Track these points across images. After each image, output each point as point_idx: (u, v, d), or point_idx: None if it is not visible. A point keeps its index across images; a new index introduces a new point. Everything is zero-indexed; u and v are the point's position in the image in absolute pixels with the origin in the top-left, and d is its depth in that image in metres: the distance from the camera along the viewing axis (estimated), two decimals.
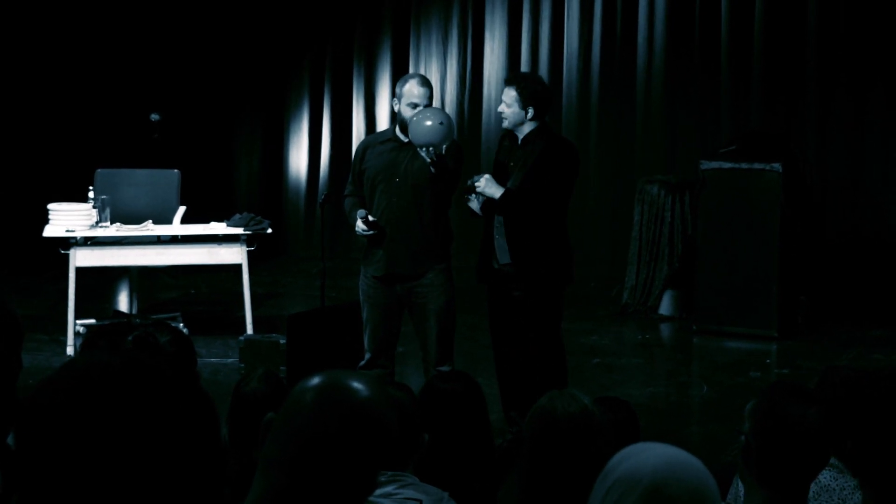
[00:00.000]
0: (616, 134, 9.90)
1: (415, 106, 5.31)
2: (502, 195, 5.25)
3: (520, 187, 5.30)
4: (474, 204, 5.39)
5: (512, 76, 5.51)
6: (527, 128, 5.35)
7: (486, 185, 5.27)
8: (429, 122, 5.14)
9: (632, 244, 8.66)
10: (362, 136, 10.27)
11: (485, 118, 10.20)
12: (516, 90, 5.31)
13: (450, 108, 10.33)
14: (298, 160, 11.02)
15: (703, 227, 8.07)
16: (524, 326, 5.42)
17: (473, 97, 10.34)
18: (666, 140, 9.66)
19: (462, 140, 9.03)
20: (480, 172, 5.49)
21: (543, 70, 9.99)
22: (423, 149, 5.17)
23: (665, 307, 8.55)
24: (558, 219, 5.37)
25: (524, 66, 10.00)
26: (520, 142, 5.38)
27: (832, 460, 2.74)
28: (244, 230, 7.43)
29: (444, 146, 5.21)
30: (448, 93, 10.37)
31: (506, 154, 5.48)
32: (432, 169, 5.22)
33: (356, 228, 5.42)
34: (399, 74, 10.00)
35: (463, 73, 10.34)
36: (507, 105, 5.34)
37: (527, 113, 5.30)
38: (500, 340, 5.56)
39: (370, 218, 5.37)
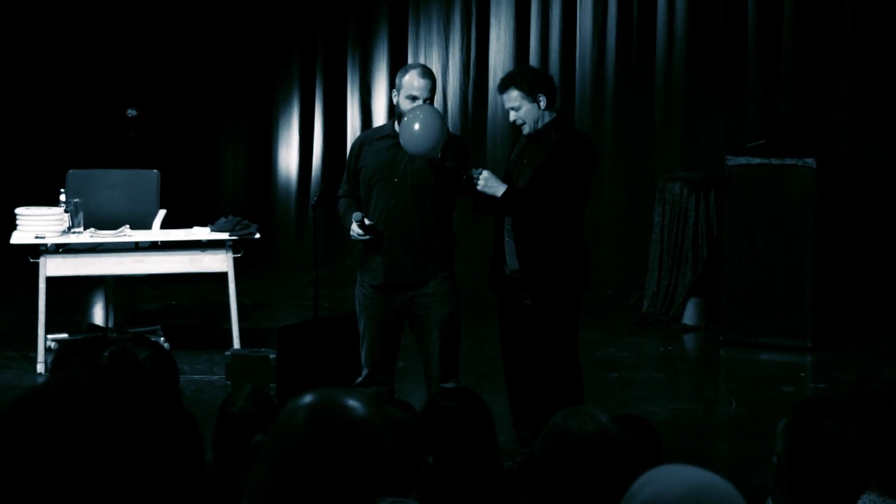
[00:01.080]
0: (634, 128, 9.89)
1: (414, 99, 5.29)
2: (504, 194, 5.23)
3: (527, 186, 5.29)
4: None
5: (503, 80, 5.42)
6: (544, 120, 5.33)
7: (487, 182, 5.25)
8: (416, 127, 5.11)
9: (652, 248, 8.66)
10: (358, 132, 10.25)
11: (490, 111, 10.19)
12: (515, 87, 5.28)
13: (452, 100, 10.34)
14: (288, 159, 11.02)
15: (729, 228, 8.07)
16: (536, 338, 5.40)
17: (478, 89, 10.34)
18: (688, 134, 9.66)
19: (465, 137, 9.03)
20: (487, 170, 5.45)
21: (554, 59, 9.98)
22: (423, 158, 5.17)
23: (689, 316, 8.56)
24: (573, 220, 5.34)
25: (533, 55, 10.01)
26: (533, 138, 5.37)
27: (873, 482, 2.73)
28: (230, 235, 7.43)
29: (438, 152, 5.18)
30: (450, 84, 10.37)
31: (520, 151, 5.48)
32: (432, 177, 5.23)
33: (351, 233, 5.41)
34: (397, 64, 9.98)
35: (466, 62, 10.34)
36: (515, 109, 5.29)
37: (539, 103, 5.28)
38: (511, 353, 5.55)
39: (366, 221, 5.36)
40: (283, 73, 11.00)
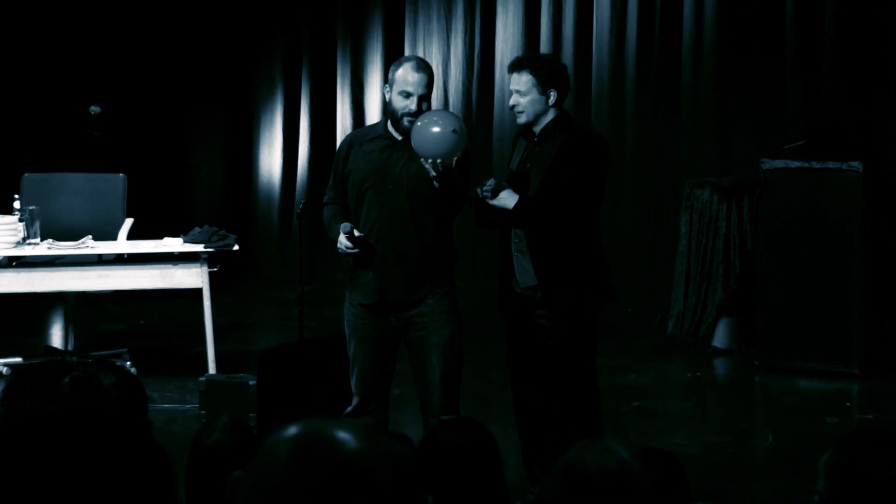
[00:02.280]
0: (657, 128, 9.92)
1: (407, 95, 5.30)
2: (517, 204, 5.25)
3: (538, 193, 5.30)
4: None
5: (519, 59, 5.48)
6: (545, 119, 5.35)
7: (499, 194, 5.28)
8: (436, 129, 5.12)
9: (678, 261, 8.68)
10: (349, 132, 10.24)
11: (497, 109, 10.23)
12: (531, 73, 5.30)
13: (454, 97, 10.35)
14: (271, 162, 11.06)
15: (765, 239, 8.09)
16: (551, 362, 5.40)
17: (483, 84, 10.37)
18: (719, 134, 9.69)
19: (469, 137, 9.01)
20: (491, 176, 5.47)
21: (568, 50, 10.01)
22: (429, 161, 5.18)
23: (720, 338, 8.58)
24: (589, 227, 5.36)
25: (545, 46, 10.04)
26: (536, 138, 5.38)
27: None
28: (205, 247, 7.46)
29: (455, 158, 5.21)
30: (452, 79, 10.40)
31: (522, 156, 5.49)
32: (436, 184, 5.21)
33: (338, 245, 5.40)
34: (393, 57, 10.00)
35: (470, 54, 10.37)
36: (520, 94, 5.32)
37: (548, 98, 5.30)
38: (521, 380, 5.54)
39: (356, 233, 5.36)
40: (264, 65, 11.03)
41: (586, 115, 9.83)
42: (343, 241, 5.35)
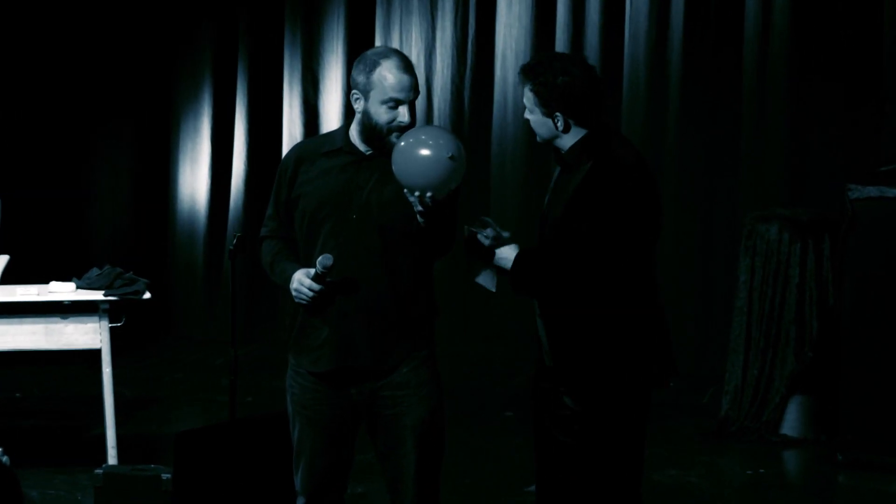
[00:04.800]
0: (708, 144, 9.96)
1: (397, 104, 5.29)
2: (515, 259, 5.22)
3: (543, 244, 5.25)
4: (486, 278, 5.35)
5: (522, 67, 5.44)
6: (568, 141, 5.33)
7: (496, 247, 5.25)
8: (427, 153, 5.10)
9: (735, 320, 8.66)
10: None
11: (496, 115, 10.24)
12: (530, 89, 5.28)
13: (440, 98, 10.36)
14: (194, 182, 11.06)
15: (852, 292, 8.07)
16: (573, 465, 5.35)
17: (479, 82, 10.38)
18: (789, 153, 9.72)
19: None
20: (489, 211, 5.44)
21: (592, 38, 10.01)
22: (415, 193, 5.13)
23: (791, 424, 8.56)
24: (623, 282, 5.25)
25: (561, 31, 10.04)
26: (559, 167, 5.36)
27: None
28: (105, 294, 7.43)
29: (447, 190, 5.16)
30: (438, 74, 10.42)
31: (552, 187, 5.43)
32: (421, 220, 5.19)
33: (296, 287, 5.34)
34: (358, 44, 9.99)
35: (462, 41, 10.38)
36: (529, 111, 5.33)
37: (555, 122, 5.29)
38: (549, 480, 5.48)
39: (328, 278, 5.28)
40: (187, 60, 11.07)
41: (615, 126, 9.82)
42: (307, 282, 5.30)
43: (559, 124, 5.28)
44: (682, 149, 9.99)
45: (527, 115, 5.34)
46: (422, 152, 5.10)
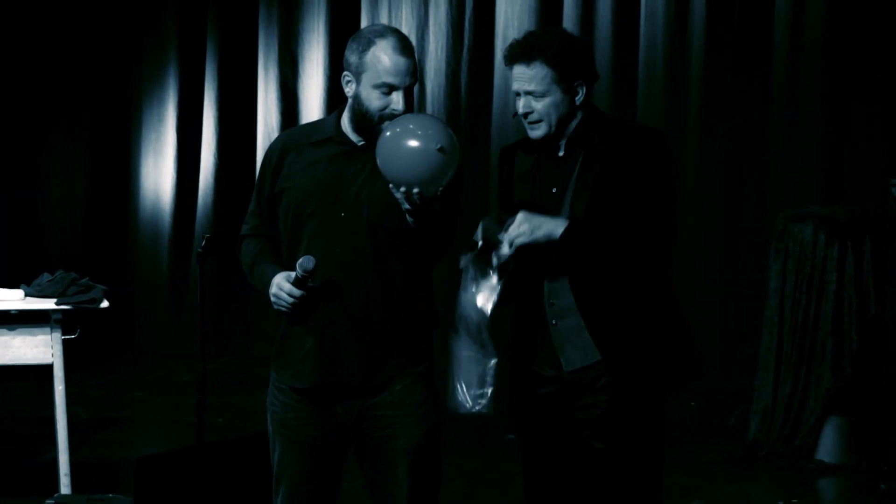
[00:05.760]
0: (735, 135, 9.99)
1: (390, 90, 5.28)
2: (566, 230, 5.17)
3: (590, 213, 5.24)
4: (487, 285, 5.30)
5: (523, 44, 5.40)
6: (571, 124, 5.36)
7: (526, 228, 5.18)
8: (414, 144, 5.09)
9: (765, 331, 8.68)
10: (275, 134, 10.27)
11: (497, 102, 10.25)
12: (545, 62, 5.27)
13: (434, 84, 10.41)
14: (158, 178, 11.09)
15: None
16: (606, 476, 5.36)
17: (477, 65, 10.40)
18: (824, 146, 9.76)
19: (458, 141, 9.01)
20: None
21: (604, 18, 10.05)
22: (401, 188, 5.11)
23: (827, 448, 8.56)
24: (665, 269, 5.32)
25: (569, 10, 10.07)
26: (562, 150, 5.36)
27: None
28: (58, 303, 7.42)
29: (440, 185, 5.16)
30: (431, 56, 10.45)
31: (533, 179, 5.43)
32: (410, 219, 5.20)
33: (275, 294, 5.33)
34: (342, 22, 10.00)
35: (459, 20, 10.40)
36: (534, 96, 5.29)
37: (575, 95, 5.29)
38: (572, 491, 5.48)
39: (310, 283, 5.28)
40: (150, 39, 11.12)
41: (630, 117, 9.89)
42: (286, 287, 5.28)
43: (580, 97, 5.29)
44: (705, 142, 10.07)
45: (529, 103, 5.31)
46: (408, 143, 5.09)
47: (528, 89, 5.30)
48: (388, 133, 5.12)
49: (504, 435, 8.82)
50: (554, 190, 5.35)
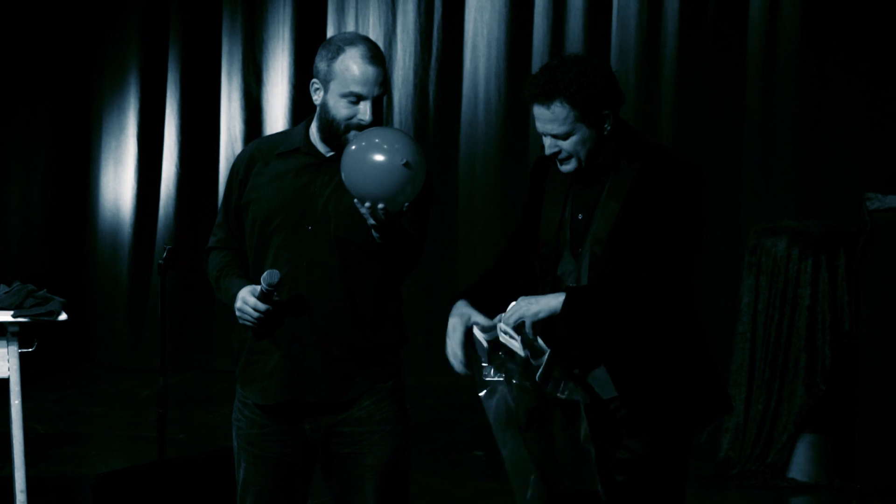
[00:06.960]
0: (706, 149, 10.02)
1: (357, 99, 5.27)
2: (566, 300, 5.08)
3: (603, 273, 5.16)
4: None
5: (541, 84, 5.24)
6: (604, 144, 5.24)
7: (522, 305, 5.08)
8: (378, 158, 5.08)
9: (737, 348, 8.71)
10: (239, 144, 10.23)
11: (465, 112, 10.25)
12: (565, 101, 5.13)
13: (401, 93, 10.39)
14: (118, 187, 11.07)
15: (871, 315, 8.16)
16: None
17: (445, 73, 10.43)
18: (799, 159, 9.80)
19: (427, 151, 8.98)
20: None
21: (575, 25, 10.04)
22: (366, 203, 5.09)
23: (800, 466, 8.57)
24: (690, 301, 5.23)
25: (540, 16, 10.06)
26: (591, 175, 5.26)
27: None
28: (14, 315, 7.41)
29: (406, 201, 5.13)
30: (399, 64, 10.42)
31: (565, 202, 5.34)
32: (376, 235, 5.19)
33: (242, 309, 5.31)
34: (306, 31, 9.96)
35: (427, 26, 10.39)
36: (559, 137, 5.17)
37: (603, 124, 5.15)
38: None
39: (275, 297, 5.25)
40: (110, 46, 11.09)
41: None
42: (251, 301, 5.26)
43: (608, 125, 5.18)
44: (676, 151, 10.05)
45: (554, 144, 5.19)
46: (373, 157, 5.08)
47: (549, 131, 5.19)
48: (353, 146, 5.12)
49: (471, 451, 8.81)
50: (580, 216, 5.28)
